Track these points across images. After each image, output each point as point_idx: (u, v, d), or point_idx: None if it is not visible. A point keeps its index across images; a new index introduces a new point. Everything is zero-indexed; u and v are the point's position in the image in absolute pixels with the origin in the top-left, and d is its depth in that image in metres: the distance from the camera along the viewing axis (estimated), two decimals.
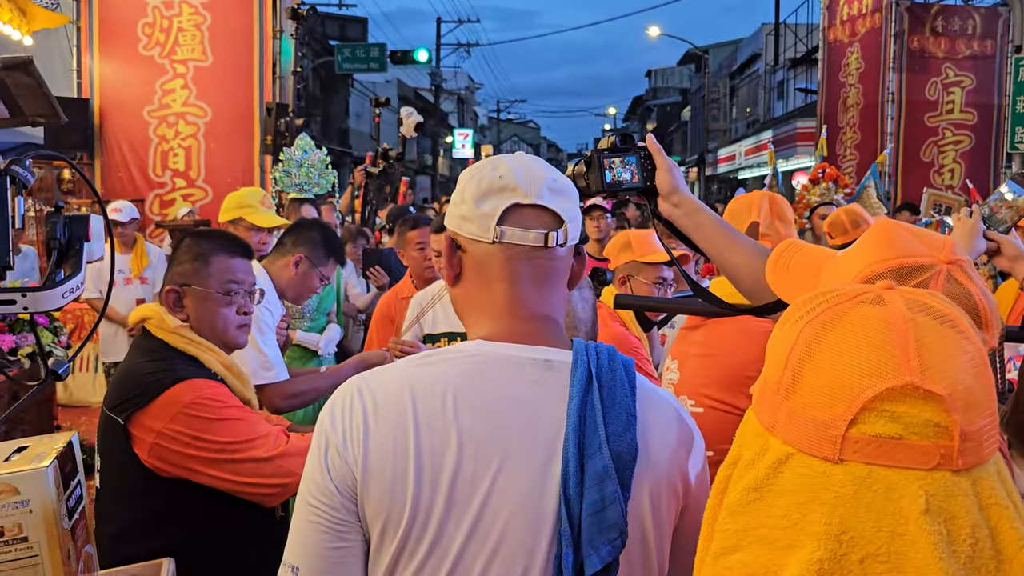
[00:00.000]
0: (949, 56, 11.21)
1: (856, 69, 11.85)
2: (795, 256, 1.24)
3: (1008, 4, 11.15)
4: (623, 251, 2.91)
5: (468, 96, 47.47)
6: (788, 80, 23.94)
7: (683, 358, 2.15)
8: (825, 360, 0.68)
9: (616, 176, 1.43)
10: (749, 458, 0.72)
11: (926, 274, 1.01)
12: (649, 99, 50.17)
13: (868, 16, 11.63)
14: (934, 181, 10.97)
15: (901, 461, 0.64)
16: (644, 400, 1.07)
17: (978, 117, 11.16)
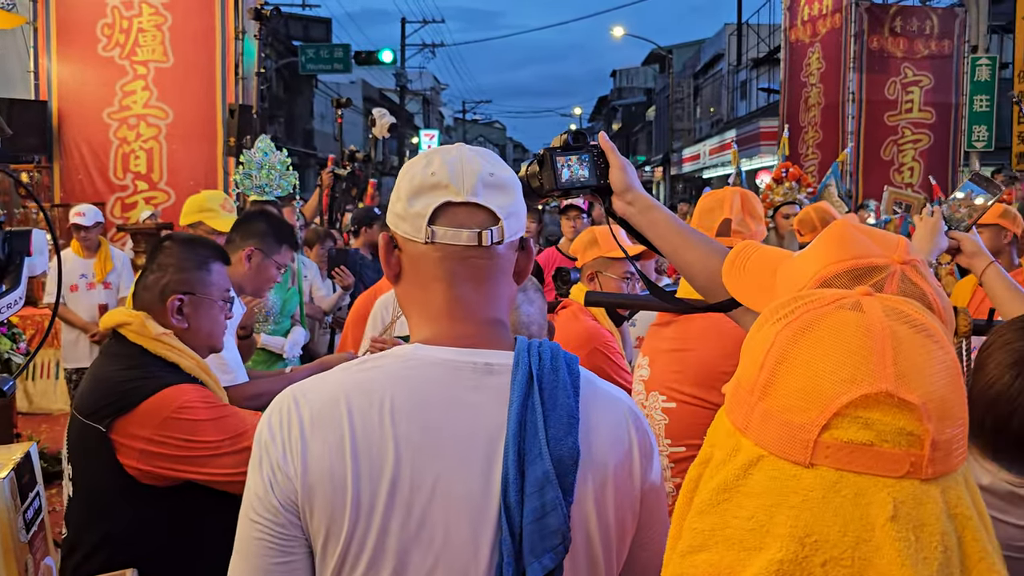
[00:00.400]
0: (908, 56, 11.41)
1: (817, 69, 12.01)
2: (752, 257, 1.23)
3: (964, 5, 11.38)
4: (589, 248, 2.93)
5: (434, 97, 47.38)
6: (751, 80, 24.21)
7: (654, 354, 2.15)
8: (801, 364, 0.68)
9: (570, 174, 1.41)
10: (720, 458, 0.72)
11: (881, 275, 1.01)
12: (614, 99, 50.44)
13: (828, 17, 11.79)
14: (894, 179, 11.16)
15: (871, 468, 0.64)
16: (591, 399, 1.05)
17: (936, 116, 11.38)
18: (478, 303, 1.07)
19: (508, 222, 1.07)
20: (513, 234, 1.08)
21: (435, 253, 1.05)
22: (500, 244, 1.06)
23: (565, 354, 1.06)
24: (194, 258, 1.98)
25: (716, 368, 1.91)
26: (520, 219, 1.10)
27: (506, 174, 1.09)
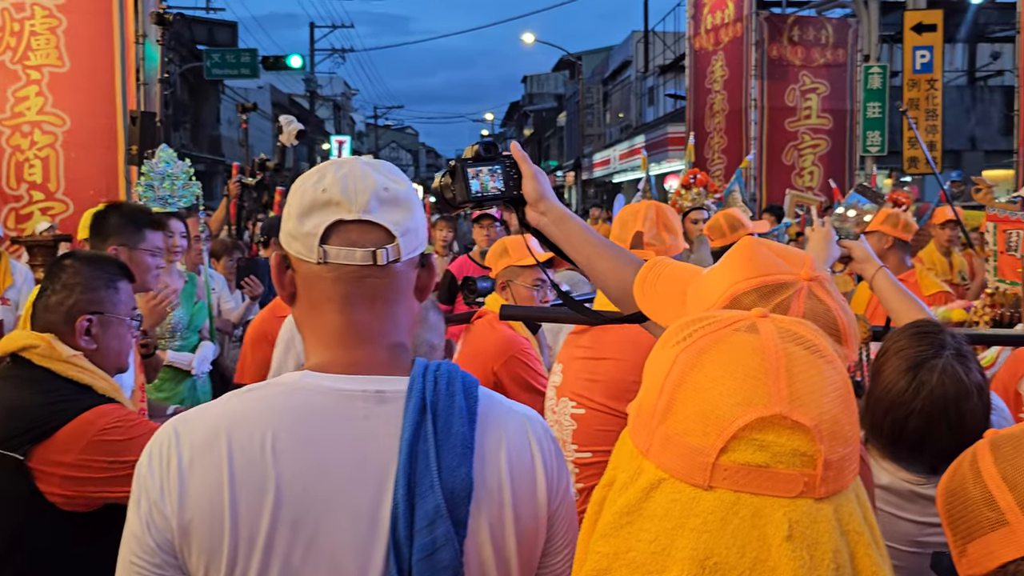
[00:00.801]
0: (805, 64, 11.86)
1: (721, 76, 12.38)
2: (663, 275, 1.25)
3: (857, 16, 11.91)
4: (500, 257, 2.96)
5: (344, 102, 46.77)
6: (658, 86, 24.77)
7: (568, 361, 2.18)
8: (699, 387, 0.70)
9: (481, 185, 1.40)
10: (623, 481, 0.73)
11: (788, 292, 1.04)
12: (526, 104, 50.79)
13: (730, 26, 12.17)
14: (795, 183, 11.58)
15: (768, 489, 0.66)
16: (491, 423, 1.02)
17: (833, 122, 11.86)
18: (374, 326, 1.03)
19: (405, 239, 1.03)
20: (412, 251, 1.05)
21: (328, 274, 1.01)
22: (398, 262, 1.02)
23: (464, 377, 1.03)
24: (101, 277, 1.93)
25: (627, 378, 1.94)
26: (419, 235, 1.06)
27: (402, 188, 1.05)
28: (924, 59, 11.06)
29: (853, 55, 11.76)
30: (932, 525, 1.55)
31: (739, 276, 1.08)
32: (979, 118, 16.33)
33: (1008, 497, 0.89)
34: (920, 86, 11.16)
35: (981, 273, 4.55)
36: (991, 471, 0.91)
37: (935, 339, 1.49)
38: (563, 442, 2.08)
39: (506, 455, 1.01)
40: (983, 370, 1.52)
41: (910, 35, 11.05)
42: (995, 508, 0.90)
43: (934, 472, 1.54)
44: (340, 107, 44.59)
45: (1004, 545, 0.89)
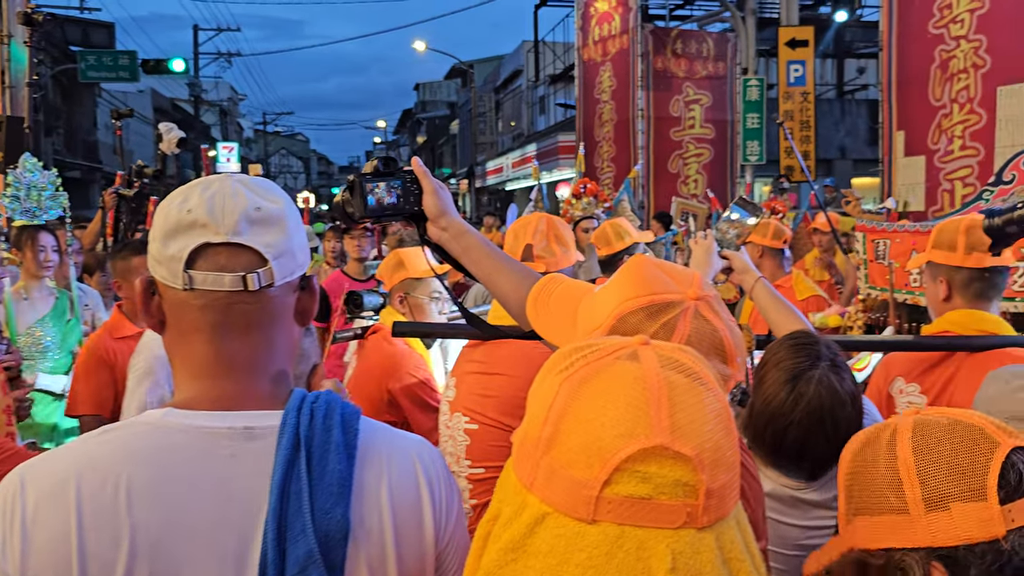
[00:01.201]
0: (688, 76, 12.27)
1: (609, 87, 12.66)
2: (555, 293, 1.24)
3: (735, 30, 12.41)
4: (396, 270, 2.90)
5: (231, 108, 45.39)
6: (549, 95, 25.12)
7: (461, 375, 2.15)
8: (582, 418, 0.68)
9: (380, 201, 1.38)
10: (508, 515, 0.71)
11: (675, 311, 1.04)
12: (419, 112, 50.63)
13: (617, 37, 12.46)
14: (681, 191, 11.95)
15: (651, 521, 0.66)
16: (372, 458, 0.96)
17: (715, 132, 12.30)
18: (247, 356, 0.96)
19: (279, 262, 0.96)
20: (288, 274, 0.98)
21: (195, 301, 0.94)
22: (272, 287, 0.96)
23: (344, 409, 0.97)
24: None
25: (519, 394, 1.92)
26: (296, 256, 1.00)
27: (277, 207, 0.98)
28: (798, 73, 11.62)
29: (732, 68, 12.24)
30: (814, 528, 1.62)
31: (627, 295, 1.08)
32: (848, 129, 17.27)
33: (916, 491, 0.88)
34: (794, 98, 11.72)
35: (853, 279, 4.79)
36: (908, 459, 0.89)
37: (811, 351, 1.56)
38: (457, 457, 2.06)
39: (389, 492, 0.96)
40: (855, 378, 1.59)
41: (784, 50, 11.59)
42: (900, 496, 0.89)
43: (813, 478, 1.60)
44: (227, 113, 43.23)
45: (895, 533, 0.89)
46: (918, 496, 0.88)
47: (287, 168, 68.26)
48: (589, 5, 12.99)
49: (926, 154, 7.50)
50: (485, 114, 32.98)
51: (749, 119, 11.74)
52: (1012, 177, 3.70)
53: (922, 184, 7.43)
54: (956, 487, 0.86)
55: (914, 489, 0.88)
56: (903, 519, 0.88)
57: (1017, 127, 7.40)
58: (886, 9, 8.57)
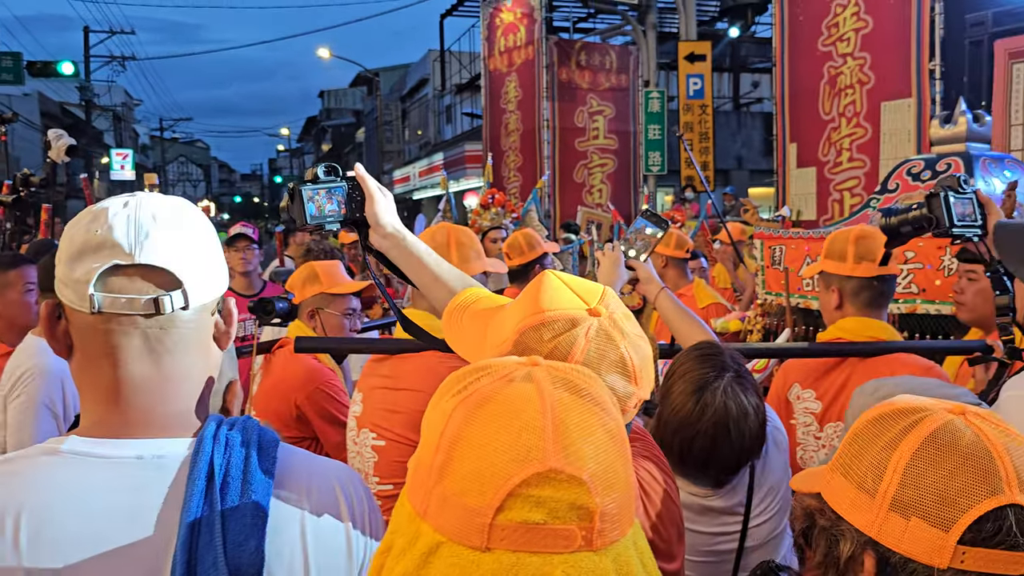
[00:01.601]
0: (592, 88, 12.49)
1: (515, 97, 12.76)
2: (470, 308, 1.23)
3: (637, 44, 12.70)
4: (309, 283, 2.81)
5: (126, 113, 43.65)
6: (455, 105, 25.14)
7: (368, 390, 2.10)
8: (475, 443, 0.67)
9: (318, 208, 1.36)
10: (401, 546, 0.69)
11: (575, 328, 1.03)
12: (324, 120, 49.85)
13: (523, 48, 12.59)
14: (586, 200, 12.14)
15: (546, 546, 0.64)
16: (291, 486, 0.92)
17: (619, 142, 12.56)
18: (158, 382, 0.92)
19: (195, 284, 0.93)
20: (204, 297, 0.94)
21: (103, 325, 0.89)
22: (186, 309, 0.92)
23: (262, 435, 0.93)
24: None
25: (425, 408, 1.92)
26: (214, 278, 0.96)
27: (194, 227, 0.95)
28: (696, 86, 11.99)
29: (635, 80, 12.52)
30: (723, 534, 1.66)
31: (528, 311, 1.07)
32: (744, 141, 17.91)
33: (892, 488, 0.87)
34: (694, 110, 12.07)
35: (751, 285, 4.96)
36: (904, 456, 0.87)
37: (716, 361, 1.60)
38: (365, 474, 2.02)
39: (309, 522, 0.92)
40: (758, 387, 1.65)
41: (683, 64, 11.94)
42: (876, 482, 0.88)
43: (719, 486, 1.65)
44: (121, 118, 41.55)
45: (853, 507, 0.89)
46: (890, 492, 0.87)
47: (186, 176, 66.07)
48: (494, 16, 13.08)
49: (817, 165, 7.84)
50: (392, 123, 32.74)
51: (651, 130, 12.03)
52: (896, 186, 3.91)
53: (813, 194, 7.77)
54: (928, 507, 0.85)
55: (890, 485, 0.87)
56: (866, 500, 0.88)
57: (899, 140, 7.82)
58: (778, 26, 8.95)
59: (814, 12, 8.52)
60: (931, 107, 7.38)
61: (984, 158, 3.69)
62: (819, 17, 8.46)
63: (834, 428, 2.20)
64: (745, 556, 1.67)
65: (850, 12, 8.21)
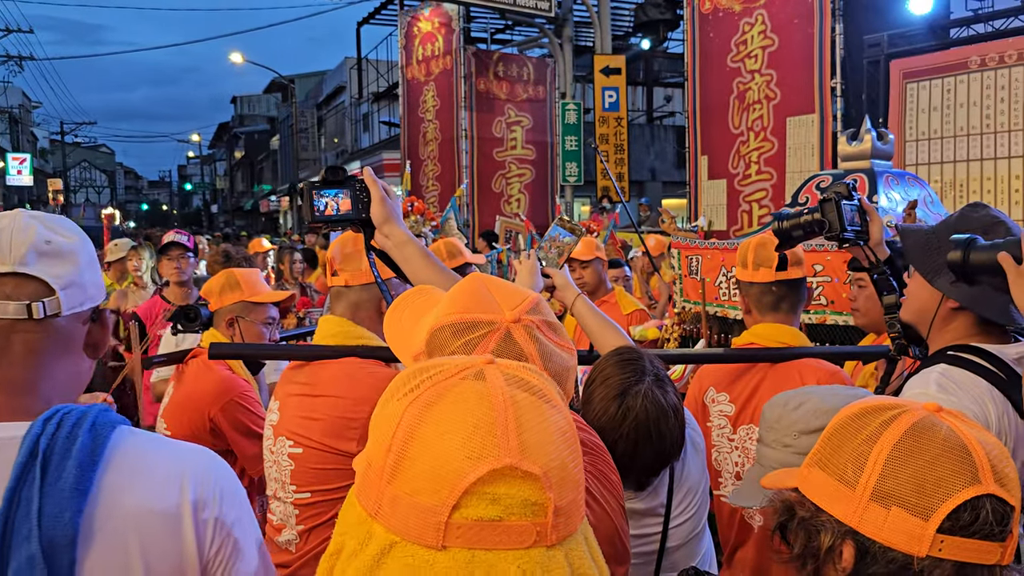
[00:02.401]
0: (510, 98, 12.58)
1: (433, 106, 12.75)
2: (412, 305, 1.22)
3: (553, 56, 12.87)
4: (229, 290, 2.73)
5: (23, 116, 41.69)
6: (373, 113, 24.92)
7: (285, 398, 2.06)
8: (428, 442, 0.67)
9: (326, 207, 1.46)
10: (352, 548, 0.69)
11: (482, 331, 1.03)
12: (236, 126, 48.69)
13: (440, 58, 12.59)
14: (504, 209, 12.20)
15: (501, 543, 0.65)
16: (125, 466, 0.98)
17: (536, 153, 12.68)
18: (23, 380, 1.01)
19: (67, 293, 1.02)
20: (76, 305, 1.04)
21: None
22: (58, 316, 1.02)
23: (100, 417, 0.99)
24: None
25: (345, 415, 1.88)
26: (86, 289, 1.06)
27: (69, 241, 1.05)
28: (611, 98, 12.21)
29: (552, 92, 12.67)
30: (644, 536, 1.70)
31: (443, 311, 1.08)
32: (657, 153, 18.32)
33: (872, 479, 0.90)
34: (609, 123, 12.29)
35: (666, 294, 5.07)
36: (884, 449, 0.90)
37: (637, 366, 1.64)
38: (282, 483, 1.97)
39: (137, 499, 0.97)
40: (677, 390, 1.70)
41: (599, 77, 12.15)
42: (856, 473, 0.91)
43: (641, 488, 1.69)
44: (18, 120, 39.67)
45: (833, 499, 0.93)
46: (871, 483, 0.90)
47: (89, 182, 63.49)
48: (412, 25, 13.05)
49: (727, 177, 8.09)
50: (307, 130, 32.24)
51: (568, 141, 12.19)
52: (806, 199, 4.07)
53: (724, 205, 8.01)
54: (908, 496, 0.88)
55: (871, 476, 0.90)
56: (846, 492, 0.92)
57: (804, 154, 8.14)
58: (689, 43, 9.20)
59: (724, 30, 8.80)
60: (832, 123, 7.71)
61: (887, 174, 3.88)
62: (728, 35, 8.75)
63: (747, 430, 2.27)
64: (667, 556, 1.71)
65: (757, 31, 8.52)
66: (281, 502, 1.98)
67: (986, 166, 7.05)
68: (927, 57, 7.57)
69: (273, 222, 36.47)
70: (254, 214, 40.94)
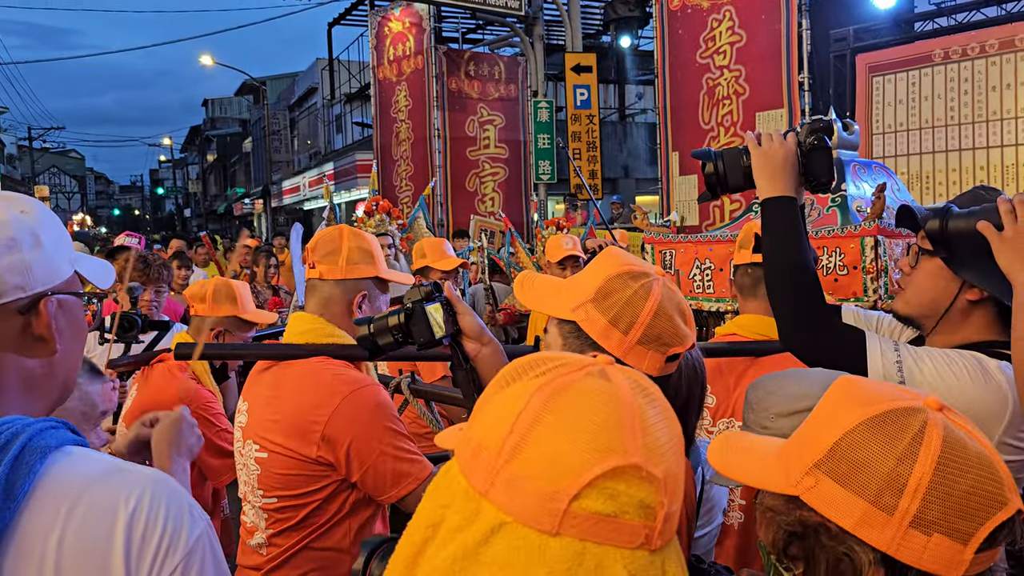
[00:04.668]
0: (482, 97, 12.57)
1: (405, 106, 12.71)
2: (536, 279, 1.42)
3: (524, 55, 12.88)
4: (226, 303, 2.71)
5: None
6: (345, 114, 24.82)
7: (253, 400, 2.02)
8: (555, 429, 0.67)
9: (439, 325, 1.48)
10: (457, 523, 0.68)
11: (648, 278, 1.28)
12: (208, 129, 48.26)
13: (412, 58, 12.56)
14: (479, 208, 12.21)
15: (612, 539, 0.65)
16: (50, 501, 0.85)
17: (509, 151, 12.68)
18: None
19: None
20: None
21: None
22: None
23: (38, 440, 0.87)
24: None
25: (307, 417, 1.83)
26: (17, 274, 0.94)
27: None
28: (583, 96, 12.24)
29: (524, 90, 12.68)
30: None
31: (611, 264, 1.30)
32: (630, 150, 18.37)
33: (914, 505, 0.83)
34: (581, 120, 12.32)
35: None
36: (925, 471, 0.83)
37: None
38: (252, 487, 1.92)
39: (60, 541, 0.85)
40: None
41: (570, 75, 12.18)
42: (894, 497, 0.84)
43: None
44: None
45: (864, 522, 0.85)
46: (912, 510, 0.83)
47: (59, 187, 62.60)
48: (383, 25, 13.01)
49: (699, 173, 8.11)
50: (280, 132, 32.02)
51: (540, 139, 12.20)
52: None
53: (696, 200, 8.06)
54: (954, 522, 0.83)
55: (913, 502, 0.83)
56: (882, 517, 0.84)
57: None
58: (659, 40, 9.25)
59: (692, 26, 8.86)
60: (801, 117, 7.78)
61: (854, 163, 3.92)
62: (697, 31, 8.81)
63: (726, 423, 2.23)
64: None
65: (725, 27, 8.57)
66: (252, 505, 1.95)
67: (951, 157, 7.15)
68: (892, 51, 7.65)
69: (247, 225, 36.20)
70: (228, 217, 40.59)
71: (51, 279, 0.97)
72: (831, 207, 3.54)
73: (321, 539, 1.86)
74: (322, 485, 1.84)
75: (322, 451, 1.80)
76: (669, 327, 1.28)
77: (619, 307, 1.27)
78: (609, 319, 1.27)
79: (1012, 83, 6.72)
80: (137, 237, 4.50)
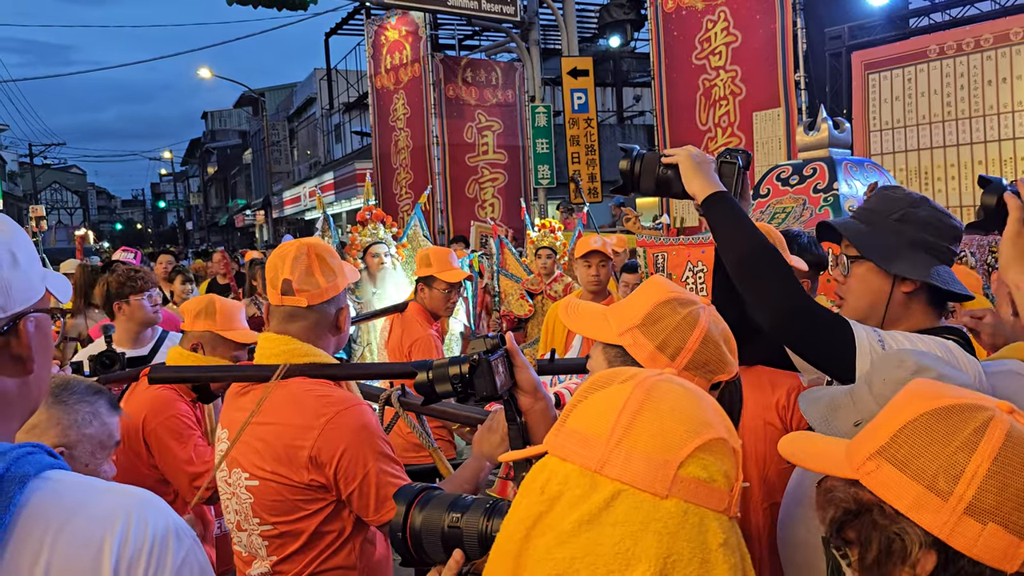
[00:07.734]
0: (480, 104, 12.59)
1: (403, 114, 12.73)
2: (580, 305, 1.45)
3: (521, 60, 12.88)
4: (203, 317, 2.67)
5: None
6: (344, 123, 24.84)
7: (233, 426, 1.92)
8: (658, 414, 0.83)
9: (501, 380, 1.44)
10: (576, 495, 0.82)
11: (695, 305, 1.32)
12: (208, 141, 48.37)
13: (409, 66, 12.58)
14: (479, 215, 12.21)
15: (708, 502, 0.81)
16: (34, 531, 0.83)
17: (508, 157, 12.69)
18: None
19: None
20: None
21: None
22: None
23: (17, 468, 0.85)
24: None
25: (294, 442, 1.78)
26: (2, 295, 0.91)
27: None
28: (580, 100, 12.23)
29: (521, 96, 12.69)
30: None
31: (659, 291, 1.34)
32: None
33: (970, 491, 0.84)
34: (579, 124, 12.31)
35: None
36: (983, 460, 0.84)
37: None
38: (245, 515, 1.85)
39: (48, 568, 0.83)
40: None
41: (567, 79, 12.17)
42: (950, 483, 0.85)
43: None
44: None
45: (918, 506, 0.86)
46: (967, 496, 0.84)
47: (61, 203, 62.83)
48: (379, 34, 13.03)
49: None
50: (279, 143, 32.08)
51: (539, 144, 12.20)
52: (768, 191, 4.09)
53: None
54: (1010, 514, 0.83)
55: (968, 489, 0.84)
56: (936, 502, 0.85)
57: (771, 147, 8.18)
58: (655, 41, 9.25)
59: (687, 28, 8.86)
60: (798, 116, 7.76)
61: (846, 162, 3.90)
62: (692, 32, 8.80)
63: None
64: None
65: (720, 27, 8.56)
66: (247, 534, 1.88)
67: (949, 153, 7.13)
68: (887, 47, 7.64)
69: (249, 236, 36.21)
70: (229, 229, 40.65)
71: (29, 298, 0.96)
72: (823, 206, 3.53)
73: (329, 559, 1.82)
74: (320, 507, 1.80)
75: (313, 474, 1.76)
76: (716, 354, 1.30)
77: (667, 333, 1.30)
78: (656, 345, 1.30)
79: (1008, 77, 6.70)
80: (133, 252, 4.53)
